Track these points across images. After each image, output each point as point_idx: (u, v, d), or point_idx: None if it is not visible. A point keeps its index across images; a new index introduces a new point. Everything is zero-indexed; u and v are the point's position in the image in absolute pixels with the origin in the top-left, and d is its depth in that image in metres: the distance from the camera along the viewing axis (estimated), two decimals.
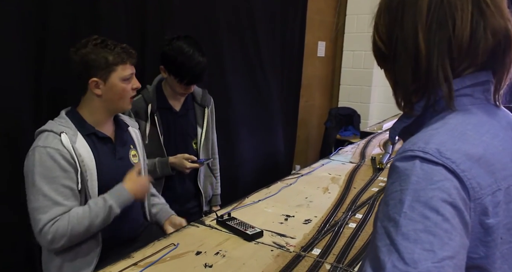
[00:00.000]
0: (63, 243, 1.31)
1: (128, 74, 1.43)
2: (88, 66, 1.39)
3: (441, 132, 0.62)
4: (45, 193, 1.29)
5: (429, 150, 0.59)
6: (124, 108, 1.49)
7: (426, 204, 0.55)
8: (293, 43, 3.54)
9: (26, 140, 1.57)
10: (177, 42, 1.78)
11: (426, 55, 0.63)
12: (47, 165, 1.30)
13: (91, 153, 1.39)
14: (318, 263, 1.21)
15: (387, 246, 0.55)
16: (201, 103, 2.00)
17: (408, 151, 0.60)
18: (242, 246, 1.31)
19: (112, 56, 1.39)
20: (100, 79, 1.40)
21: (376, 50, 0.71)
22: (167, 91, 1.91)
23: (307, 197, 1.75)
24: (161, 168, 1.86)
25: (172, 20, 2.25)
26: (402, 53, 0.65)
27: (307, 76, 3.94)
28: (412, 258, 0.52)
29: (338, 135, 4.20)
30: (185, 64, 1.75)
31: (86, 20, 1.79)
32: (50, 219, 1.29)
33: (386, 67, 0.71)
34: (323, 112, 4.48)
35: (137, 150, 1.59)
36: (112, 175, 1.45)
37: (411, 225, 0.54)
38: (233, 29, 2.73)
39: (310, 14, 3.73)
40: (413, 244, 0.53)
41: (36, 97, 1.68)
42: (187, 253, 1.25)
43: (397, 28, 0.66)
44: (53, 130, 1.34)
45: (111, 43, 1.41)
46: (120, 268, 1.14)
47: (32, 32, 1.62)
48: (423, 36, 0.63)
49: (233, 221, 1.43)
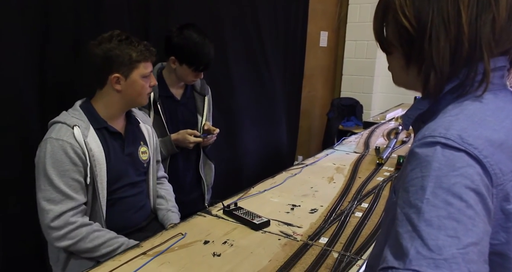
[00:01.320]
0: (66, 245, 1.33)
1: (148, 72, 1.46)
2: (111, 61, 1.39)
3: (460, 118, 0.61)
4: (56, 185, 1.31)
5: (450, 136, 0.58)
6: (141, 104, 1.53)
7: (449, 191, 0.54)
8: (296, 33, 3.52)
9: (32, 133, 1.59)
10: (186, 32, 1.80)
11: (469, 36, 0.61)
12: (58, 158, 1.31)
13: (101, 148, 1.39)
14: (326, 251, 1.22)
15: (409, 232, 0.54)
16: (201, 92, 2.03)
17: (429, 137, 0.59)
18: (249, 235, 1.32)
19: (136, 53, 1.40)
20: (122, 75, 1.41)
21: (401, 32, 0.66)
22: (169, 80, 1.92)
23: (312, 187, 1.76)
24: (165, 147, 1.87)
25: (175, 12, 2.24)
26: (441, 35, 0.62)
27: (310, 66, 3.92)
28: (437, 245, 0.52)
29: (341, 126, 4.20)
30: (199, 51, 1.78)
31: (89, 14, 1.77)
32: (62, 211, 1.31)
33: (412, 50, 0.66)
34: (325, 103, 4.48)
35: (147, 146, 1.59)
36: (119, 170, 1.46)
37: (434, 212, 0.54)
38: (236, 20, 2.71)
39: (312, 4, 3.71)
40: (437, 230, 0.52)
41: (41, 90, 1.67)
42: (195, 243, 1.25)
43: (432, 9, 0.63)
44: (66, 123, 1.35)
45: (135, 40, 1.43)
46: (130, 257, 1.15)
47: (35, 26, 1.60)
48: (466, 16, 0.61)
49: (240, 211, 1.44)
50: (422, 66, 0.65)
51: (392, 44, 0.69)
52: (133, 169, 1.53)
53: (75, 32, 1.72)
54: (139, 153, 1.55)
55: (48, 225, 1.31)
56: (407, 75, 0.70)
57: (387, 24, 0.70)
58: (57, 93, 1.70)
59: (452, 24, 0.61)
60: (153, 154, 1.63)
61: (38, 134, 1.59)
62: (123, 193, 1.49)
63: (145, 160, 1.57)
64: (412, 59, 0.67)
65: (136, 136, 1.57)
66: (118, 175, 1.45)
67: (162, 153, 1.85)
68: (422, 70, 0.65)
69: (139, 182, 1.57)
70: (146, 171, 1.61)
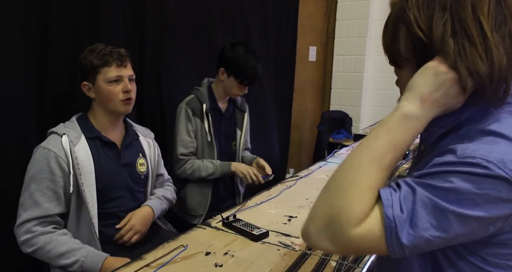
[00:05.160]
0: (28, 252, 1.35)
1: (112, 76, 1.44)
2: (81, 71, 1.47)
3: (501, 143, 0.61)
4: (31, 191, 1.35)
5: (493, 160, 0.58)
6: (116, 110, 1.49)
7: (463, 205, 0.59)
8: (286, 48, 3.61)
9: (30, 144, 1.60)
10: (238, 47, 1.97)
11: (496, 47, 0.62)
12: (40, 166, 1.36)
13: (90, 157, 1.42)
14: (324, 260, 1.25)
15: (408, 208, 0.60)
16: (241, 108, 2.19)
17: (469, 157, 0.59)
18: (249, 246, 1.35)
19: (97, 60, 1.44)
20: (89, 82, 1.47)
21: (416, 45, 0.66)
22: (217, 93, 2.06)
23: (307, 198, 1.80)
24: (222, 170, 2.01)
25: (169, 28, 2.30)
26: (465, 45, 0.62)
27: (300, 80, 4.00)
28: (416, 223, 0.59)
29: (331, 138, 4.26)
30: (246, 65, 1.94)
31: (86, 25, 1.82)
32: (27, 219, 1.34)
33: (428, 60, 0.66)
34: (315, 116, 4.54)
35: (146, 159, 1.62)
36: (112, 180, 1.48)
37: (425, 218, 0.59)
38: (228, 35, 2.78)
39: (301, 20, 3.80)
40: (426, 215, 0.59)
41: (39, 102, 1.70)
42: (196, 254, 1.28)
43: (448, 20, 0.63)
44: (57, 132, 1.40)
45: (101, 48, 1.45)
46: (134, 269, 1.17)
47: (33, 37, 1.65)
48: (488, 26, 0.62)
49: (239, 222, 1.47)
50: None
51: (405, 58, 0.70)
52: (130, 180, 1.55)
53: (72, 43, 1.77)
54: (136, 164, 1.57)
55: (15, 230, 1.36)
56: None
57: (398, 38, 0.70)
58: (55, 105, 1.73)
59: (476, 36, 0.62)
60: (153, 167, 1.65)
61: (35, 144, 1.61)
62: (119, 203, 1.51)
63: (143, 172, 1.60)
64: None
65: (134, 148, 1.59)
66: (111, 184, 1.47)
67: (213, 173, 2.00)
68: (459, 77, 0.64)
69: (137, 193, 1.59)
70: (145, 183, 1.63)
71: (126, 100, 1.48)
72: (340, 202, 0.62)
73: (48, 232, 1.35)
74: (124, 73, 1.47)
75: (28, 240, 1.34)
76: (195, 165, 1.99)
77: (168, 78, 2.34)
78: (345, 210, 0.61)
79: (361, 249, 0.65)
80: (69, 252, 1.34)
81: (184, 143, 1.98)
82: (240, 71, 1.94)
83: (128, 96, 1.48)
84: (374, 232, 0.61)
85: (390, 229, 0.60)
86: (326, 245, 0.63)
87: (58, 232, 1.37)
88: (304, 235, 0.67)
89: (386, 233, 0.60)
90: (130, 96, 1.49)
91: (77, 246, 1.36)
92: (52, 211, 1.36)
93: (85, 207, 1.40)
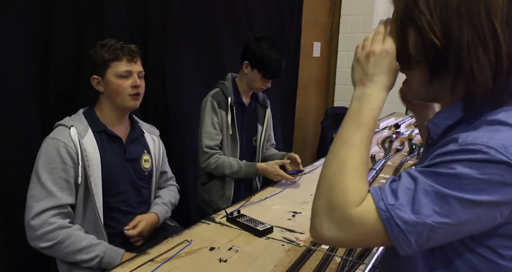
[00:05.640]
0: (42, 247, 1.33)
1: (123, 71, 1.45)
2: (91, 65, 1.48)
3: (503, 130, 0.61)
4: (43, 181, 1.33)
5: (494, 145, 0.58)
6: (124, 105, 1.49)
7: (463, 196, 0.59)
8: (290, 44, 3.59)
9: (34, 141, 1.60)
10: (262, 41, 1.99)
11: (508, 51, 0.62)
12: (50, 156, 1.35)
13: (97, 149, 1.42)
14: (329, 256, 1.25)
15: (407, 190, 0.61)
16: (263, 104, 2.21)
17: (470, 144, 0.60)
18: (253, 242, 1.35)
19: (107, 54, 1.44)
20: (99, 76, 1.47)
21: (428, 48, 0.66)
22: (241, 88, 2.09)
23: (312, 194, 1.77)
24: (246, 171, 1.99)
25: (173, 24, 2.29)
26: (479, 51, 0.63)
27: (303, 76, 3.99)
28: (419, 210, 0.60)
29: (334, 134, 4.21)
30: (270, 58, 1.95)
31: (90, 21, 1.82)
32: (42, 209, 1.31)
33: (439, 65, 0.67)
34: (319, 112, 4.53)
35: (151, 155, 1.62)
36: (117, 174, 1.48)
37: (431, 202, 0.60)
38: (232, 31, 2.77)
39: (305, 15, 3.78)
40: (429, 202, 0.59)
41: (43, 99, 1.70)
42: (201, 249, 1.28)
43: (464, 26, 0.63)
44: (65, 124, 1.41)
45: (112, 43, 1.46)
46: (138, 264, 1.17)
47: (37, 33, 1.64)
48: (501, 31, 0.62)
49: (243, 218, 1.47)
50: (456, 80, 0.66)
51: (414, 60, 0.69)
52: (135, 176, 1.55)
53: (76, 39, 1.77)
54: (141, 160, 1.57)
55: (27, 223, 1.32)
56: (428, 89, 0.71)
57: (407, 39, 0.69)
58: (58, 102, 1.73)
59: (490, 40, 0.62)
60: (157, 164, 1.65)
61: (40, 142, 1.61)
62: (123, 197, 1.52)
63: (147, 168, 1.60)
64: (438, 74, 0.68)
65: (139, 144, 1.59)
66: (115, 179, 1.47)
67: (240, 173, 1.99)
68: (465, 87, 0.65)
69: (141, 189, 1.59)
70: (149, 180, 1.64)
71: (134, 95, 1.48)
72: (332, 190, 0.66)
73: (66, 226, 1.35)
74: (134, 68, 1.48)
75: (47, 233, 1.31)
76: (219, 160, 1.98)
77: (172, 75, 2.34)
78: (340, 195, 0.65)
79: (366, 232, 0.64)
80: (88, 247, 1.35)
81: (210, 135, 1.99)
82: (263, 64, 1.96)
83: (136, 90, 1.48)
84: (372, 213, 0.62)
85: (388, 221, 0.61)
86: (333, 233, 0.65)
87: (74, 227, 1.37)
88: (313, 233, 0.69)
89: (386, 227, 0.61)
90: (139, 91, 1.49)
91: (95, 241, 1.37)
92: (66, 200, 1.36)
93: (91, 199, 1.41)
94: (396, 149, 2.65)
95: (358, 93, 0.74)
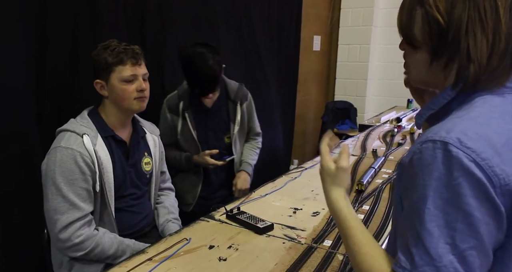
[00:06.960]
0: (76, 256, 1.34)
1: (127, 75, 1.39)
2: (94, 68, 1.42)
3: (465, 119, 0.63)
4: (64, 194, 1.30)
5: (449, 139, 0.60)
6: (130, 109, 1.45)
7: (448, 201, 0.59)
8: (289, 38, 3.55)
9: (31, 141, 1.58)
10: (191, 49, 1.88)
11: (507, 32, 0.64)
12: (68, 166, 1.31)
13: (109, 156, 1.40)
14: (331, 254, 1.23)
15: (414, 237, 0.61)
16: (234, 100, 2.05)
17: (429, 141, 0.62)
18: (254, 239, 1.32)
19: (111, 57, 1.38)
20: (102, 80, 1.41)
21: (432, 26, 0.68)
22: None
23: (313, 190, 1.77)
24: (186, 164, 1.98)
25: (171, 18, 2.25)
26: (477, 30, 0.64)
27: (303, 70, 3.95)
28: (437, 253, 0.59)
29: (335, 129, 4.23)
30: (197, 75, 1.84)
31: (86, 17, 1.78)
32: (69, 222, 1.30)
33: (440, 44, 0.68)
34: (319, 106, 4.50)
35: (151, 157, 1.59)
36: (123, 179, 1.46)
37: (435, 222, 0.59)
38: (231, 25, 2.73)
39: (305, 8, 3.74)
40: (437, 239, 0.59)
41: (39, 99, 1.67)
42: (200, 248, 1.25)
43: (468, 4, 0.65)
44: (75, 131, 1.35)
45: (114, 44, 1.40)
46: (136, 263, 1.15)
47: (33, 31, 1.61)
48: (504, 14, 0.64)
49: (243, 215, 1.44)
50: (450, 61, 0.67)
51: (418, 40, 0.70)
52: (136, 179, 1.53)
53: (72, 39, 1.73)
54: (142, 164, 1.55)
55: (56, 237, 1.32)
56: (427, 72, 0.72)
57: (414, 20, 0.70)
58: (55, 101, 1.70)
59: (490, 20, 0.64)
60: (158, 165, 1.63)
61: (36, 142, 1.59)
62: (127, 201, 1.50)
63: (148, 171, 1.57)
64: (438, 54, 0.69)
65: (141, 147, 1.56)
66: (121, 183, 1.46)
67: (183, 166, 1.98)
68: (458, 63, 0.67)
69: (142, 192, 1.57)
70: (149, 182, 1.61)
71: (140, 98, 1.44)
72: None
73: (93, 235, 1.35)
74: (138, 71, 1.42)
75: (75, 245, 1.32)
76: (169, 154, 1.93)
77: (170, 73, 2.30)
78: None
79: None
80: (115, 253, 1.39)
81: (164, 136, 1.90)
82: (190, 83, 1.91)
83: (142, 94, 1.44)
84: None
85: None
86: None
87: (100, 234, 1.37)
88: None
89: None
90: (144, 94, 1.45)
91: (122, 247, 1.40)
92: (88, 210, 1.35)
93: (106, 205, 1.40)
94: (397, 143, 2.62)
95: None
